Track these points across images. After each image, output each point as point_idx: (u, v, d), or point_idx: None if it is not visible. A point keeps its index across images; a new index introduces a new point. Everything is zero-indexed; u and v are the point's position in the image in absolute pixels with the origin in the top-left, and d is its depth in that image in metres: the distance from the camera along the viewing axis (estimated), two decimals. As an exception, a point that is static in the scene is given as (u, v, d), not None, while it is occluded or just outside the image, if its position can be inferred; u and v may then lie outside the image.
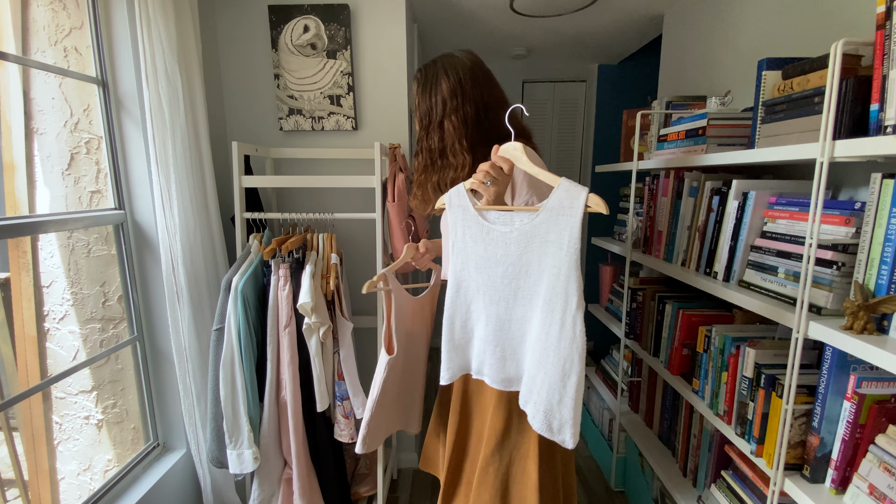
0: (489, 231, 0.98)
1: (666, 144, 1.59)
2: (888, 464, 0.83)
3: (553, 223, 0.90)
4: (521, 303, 0.98)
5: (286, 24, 1.79)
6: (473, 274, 1.02)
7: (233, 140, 1.61)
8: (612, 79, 3.16)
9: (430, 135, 1.12)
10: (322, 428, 1.58)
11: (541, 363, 0.95)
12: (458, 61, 1.11)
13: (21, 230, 1.15)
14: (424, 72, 1.13)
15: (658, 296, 1.62)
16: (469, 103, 1.08)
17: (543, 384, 0.94)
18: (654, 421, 1.80)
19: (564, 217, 0.88)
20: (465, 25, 2.40)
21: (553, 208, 0.89)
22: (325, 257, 1.54)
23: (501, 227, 0.97)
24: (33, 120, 1.29)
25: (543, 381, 0.94)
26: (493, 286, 1.00)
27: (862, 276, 0.88)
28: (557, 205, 0.89)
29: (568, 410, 0.92)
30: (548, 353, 0.93)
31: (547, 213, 0.90)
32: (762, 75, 1.13)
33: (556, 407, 0.93)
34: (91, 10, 1.34)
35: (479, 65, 1.13)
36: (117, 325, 1.49)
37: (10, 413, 1.30)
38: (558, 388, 0.92)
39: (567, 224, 0.88)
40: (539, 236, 0.92)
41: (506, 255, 0.97)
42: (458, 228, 1.02)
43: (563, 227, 0.88)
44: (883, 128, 0.80)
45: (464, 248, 1.02)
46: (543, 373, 0.94)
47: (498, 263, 0.98)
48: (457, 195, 1.01)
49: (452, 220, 1.02)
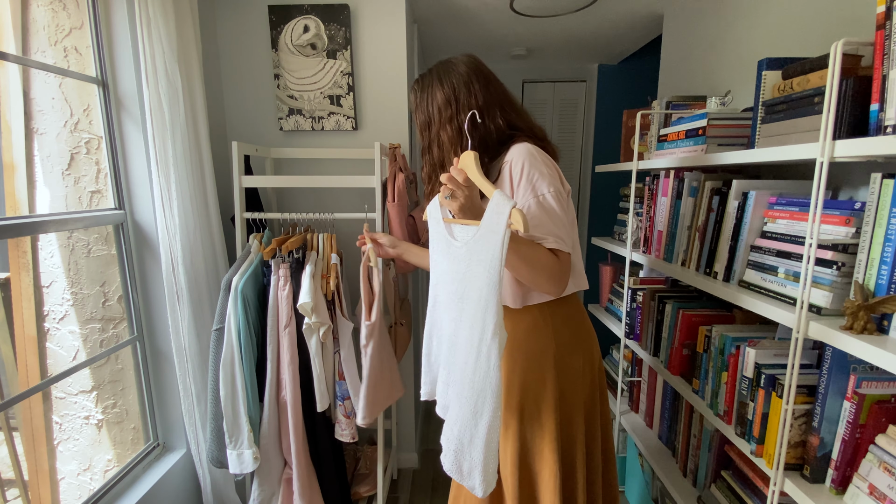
0: (450, 245, 0.92)
1: (666, 144, 1.59)
2: (888, 464, 0.83)
3: (484, 241, 0.82)
4: (464, 325, 0.88)
5: (286, 24, 1.79)
6: (441, 290, 0.98)
7: (233, 140, 1.61)
8: (612, 79, 3.16)
9: (431, 147, 1.10)
10: (322, 428, 1.58)
11: (458, 396, 0.87)
12: (453, 69, 1.07)
13: (21, 230, 1.15)
14: (421, 82, 1.11)
15: (658, 296, 1.62)
16: (464, 112, 1.03)
17: (456, 420, 0.86)
18: (654, 421, 1.80)
19: (491, 233, 0.80)
20: (465, 25, 2.40)
21: (485, 224, 0.82)
22: (325, 257, 1.54)
23: (459, 241, 0.91)
24: (33, 120, 1.29)
25: (457, 417, 0.87)
26: (448, 304, 0.94)
27: (862, 276, 0.88)
28: (487, 220, 0.81)
29: (478, 453, 0.82)
30: (464, 386, 0.85)
31: (482, 230, 0.83)
32: (762, 75, 1.13)
33: (466, 447, 0.84)
34: (91, 10, 1.34)
35: (476, 70, 1.08)
36: (117, 325, 1.49)
37: (10, 413, 1.30)
38: (469, 426, 0.83)
39: (491, 241, 0.80)
40: (476, 253, 0.84)
41: (457, 272, 0.89)
42: (433, 241, 0.99)
43: (491, 244, 0.80)
44: (883, 128, 0.80)
45: (436, 263, 0.98)
46: (458, 407, 0.86)
47: (452, 280, 0.91)
48: (433, 208, 0.98)
49: (431, 234, 0.99)
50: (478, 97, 1.05)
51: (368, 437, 2.09)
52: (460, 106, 1.04)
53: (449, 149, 1.06)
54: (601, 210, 3.31)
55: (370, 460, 1.93)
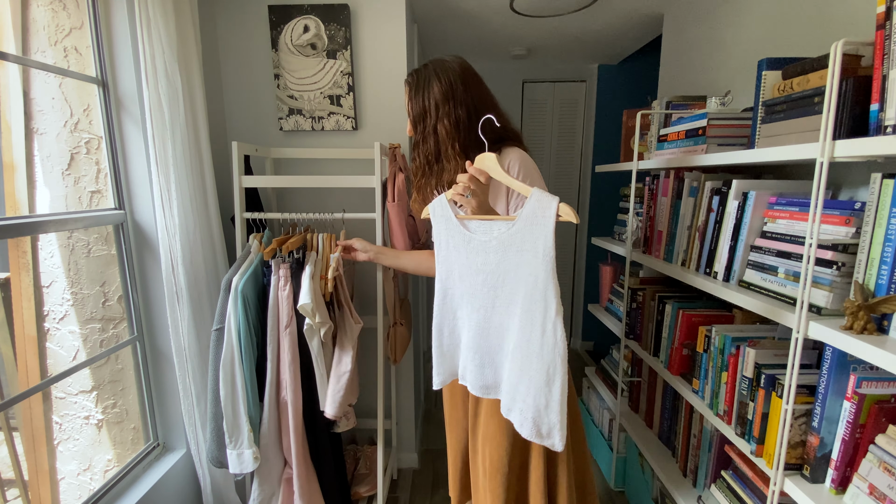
0: (470, 240, 1.00)
1: (666, 144, 1.59)
2: (888, 464, 0.83)
3: (528, 232, 0.92)
4: (499, 311, 1.00)
5: (286, 24, 1.79)
6: (457, 282, 1.05)
7: (233, 140, 1.61)
8: (612, 79, 3.16)
9: (425, 139, 1.14)
10: (322, 428, 1.58)
11: (523, 370, 0.96)
12: (448, 65, 1.12)
13: (21, 230, 1.15)
14: (416, 76, 1.14)
15: (658, 296, 1.62)
16: (461, 107, 1.09)
17: (529, 391, 0.96)
18: (654, 421, 1.80)
19: (538, 226, 0.90)
20: (465, 25, 2.40)
21: (527, 217, 0.92)
22: (325, 257, 1.54)
23: (482, 235, 0.99)
24: (33, 120, 1.29)
25: (528, 388, 0.96)
26: (474, 294, 1.02)
27: (862, 276, 0.88)
28: (531, 214, 0.91)
29: (555, 414, 0.93)
30: (531, 360, 0.95)
31: (522, 223, 0.93)
32: (762, 75, 1.13)
33: (543, 412, 0.95)
34: (91, 10, 1.34)
35: (468, 70, 1.14)
36: (117, 325, 1.49)
37: (10, 413, 1.30)
38: (544, 393, 0.94)
39: (541, 233, 0.90)
40: (515, 245, 0.94)
41: (485, 264, 0.99)
42: (442, 238, 1.05)
43: (537, 235, 0.91)
44: (883, 128, 0.80)
45: (447, 257, 1.05)
46: (528, 379, 0.96)
47: (478, 272, 1.00)
48: (440, 206, 1.04)
49: (436, 231, 1.05)
50: (473, 96, 1.11)
51: (368, 437, 2.09)
52: (457, 102, 1.09)
53: (446, 142, 1.11)
54: (601, 210, 3.31)
55: (370, 460, 1.93)
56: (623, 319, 1.84)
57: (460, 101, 1.09)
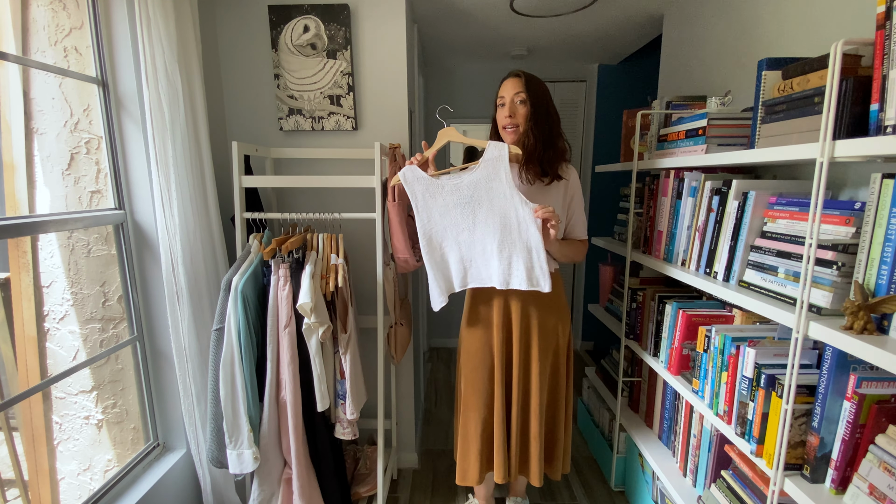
0: (443, 186, 1.37)
1: (666, 144, 1.59)
2: (888, 464, 0.83)
3: (492, 167, 1.33)
4: (480, 226, 1.37)
5: (286, 24, 1.79)
6: (437, 219, 1.39)
7: (233, 140, 1.61)
8: (612, 79, 3.16)
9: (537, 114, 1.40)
10: (322, 428, 1.58)
11: (514, 254, 1.36)
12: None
13: (21, 230, 1.15)
14: (523, 73, 1.41)
15: (658, 296, 1.62)
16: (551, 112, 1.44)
17: (520, 262, 1.35)
18: (654, 421, 1.80)
19: (499, 160, 1.33)
20: (465, 25, 2.40)
21: (490, 159, 1.33)
22: (325, 257, 1.54)
23: (453, 181, 1.36)
24: (33, 120, 1.29)
25: (518, 260, 1.36)
26: (455, 222, 1.38)
27: (862, 276, 0.88)
28: (490, 157, 1.33)
29: (539, 269, 1.35)
30: (516, 245, 1.35)
31: (487, 162, 1.34)
32: (762, 75, 1.13)
33: (534, 269, 1.36)
34: (91, 10, 1.34)
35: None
36: (117, 325, 1.49)
37: (10, 413, 1.30)
38: (533, 257, 1.35)
39: (501, 165, 1.33)
40: (485, 177, 1.34)
41: (460, 198, 1.36)
42: (418, 193, 1.37)
43: (499, 167, 1.33)
44: (883, 128, 0.80)
45: (426, 205, 1.38)
46: (516, 256, 1.36)
47: (455, 205, 1.37)
48: (411, 172, 1.37)
49: (411, 191, 1.37)
50: (556, 110, 1.45)
51: (368, 437, 2.09)
52: (550, 107, 1.43)
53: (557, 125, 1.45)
54: (601, 210, 3.31)
55: (370, 460, 1.93)
56: (623, 319, 1.84)
57: (552, 109, 1.44)
